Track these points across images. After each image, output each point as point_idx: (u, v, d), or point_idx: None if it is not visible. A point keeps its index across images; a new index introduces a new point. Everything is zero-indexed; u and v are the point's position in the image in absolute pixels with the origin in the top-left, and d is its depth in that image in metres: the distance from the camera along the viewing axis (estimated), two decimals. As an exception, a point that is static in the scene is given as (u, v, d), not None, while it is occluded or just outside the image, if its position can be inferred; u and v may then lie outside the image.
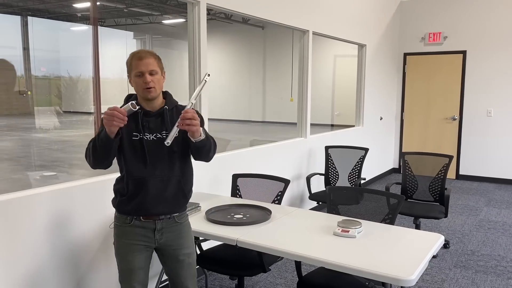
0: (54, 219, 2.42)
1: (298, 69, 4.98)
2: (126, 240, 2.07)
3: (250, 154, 4.09)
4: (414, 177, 4.31)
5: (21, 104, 18.21)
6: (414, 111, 7.67)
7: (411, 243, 2.21)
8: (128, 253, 2.07)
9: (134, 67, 1.98)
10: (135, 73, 1.98)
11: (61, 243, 2.47)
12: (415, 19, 7.46)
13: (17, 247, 2.26)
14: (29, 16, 16.83)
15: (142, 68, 1.97)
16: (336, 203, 2.84)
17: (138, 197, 2.03)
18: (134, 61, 1.99)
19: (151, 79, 1.98)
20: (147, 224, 2.07)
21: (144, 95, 2.01)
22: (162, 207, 2.06)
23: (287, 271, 3.66)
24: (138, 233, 2.06)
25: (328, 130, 6.00)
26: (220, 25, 15.67)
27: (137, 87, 2.01)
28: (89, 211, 2.61)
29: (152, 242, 2.09)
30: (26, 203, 2.29)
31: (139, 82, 1.98)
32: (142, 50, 2.02)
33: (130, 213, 2.06)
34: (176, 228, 2.12)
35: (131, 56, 2.02)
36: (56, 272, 2.46)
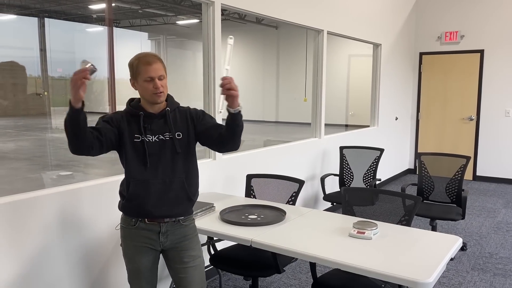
0: (66, 219, 2.44)
1: (313, 69, 4.95)
2: (132, 242, 2.07)
3: (264, 155, 4.07)
4: (430, 178, 4.25)
5: (38, 105, 18.49)
6: (430, 111, 7.58)
7: (428, 245, 2.18)
8: (135, 254, 2.07)
9: (143, 72, 1.97)
10: (144, 78, 1.97)
11: (73, 243, 2.49)
12: (431, 18, 7.36)
13: (30, 246, 2.29)
14: (46, 18, 17.08)
15: (152, 73, 1.96)
16: (351, 204, 2.81)
17: (140, 199, 2.02)
18: (142, 66, 1.97)
19: (160, 84, 1.98)
20: (152, 226, 2.05)
21: (153, 100, 2.01)
22: (165, 210, 2.04)
23: (301, 272, 3.64)
24: (143, 235, 2.06)
25: (342, 130, 5.95)
26: (234, 25, 15.69)
27: (145, 91, 2.00)
28: (100, 211, 2.63)
29: (158, 245, 2.08)
30: (38, 203, 2.31)
31: (148, 87, 1.98)
32: (149, 54, 2.01)
33: (134, 215, 2.05)
34: (181, 231, 2.10)
35: (136, 60, 2.00)
36: (69, 271, 2.48)
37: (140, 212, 2.03)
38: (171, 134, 2.04)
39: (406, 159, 7.77)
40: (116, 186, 2.67)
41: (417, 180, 4.31)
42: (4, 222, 2.16)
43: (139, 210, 2.03)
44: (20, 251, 2.23)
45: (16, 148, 11.12)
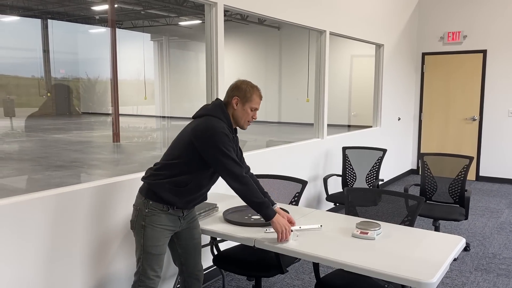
0: (84, 215, 2.46)
1: (315, 70, 4.95)
2: (161, 226, 2.26)
3: (266, 155, 4.08)
4: (433, 179, 4.25)
5: (41, 106, 18.56)
6: (433, 111, 7.57)
7: (431, 246, 2.18)
8: (161, 237, 2.27)
9: (255, 102, 2.32)
10: (252, 107, 2.31)
11: (91, 237, 2.50)
12: (434, 18, 7.36)
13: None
14: (49, 19, 17.14)
15: (258, 106, 2.34)
16: (354, 204, 2.82)
17: (190, 195, 2.28)
18: (256, 97, 2.32)
19: (256, 117, 2.37)
20: (177, 212, 2.31)
21: (243, 126, 2.36)
22: (193, 205, 2.39)
23: (304, 273, 3.64)
24: (171, 219, 2.29)
25: (345, 130, 5.96)
26: (236, 26, 15.71)
27: (244, 116, 2.32)
28: (115, 209, 2.64)
29: (178, 227, 2.35)
30: (43, 202, 2.33)
31: (250, 114, 2.32)
32: (259, 88, 2.36)
33: (169, 203, 2.24)
34: (192, 213, 2.44)
35: (252, 89, 2.32)
36: (82, 265, 2.49)
37: (178, 203, 2.26)
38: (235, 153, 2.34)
39: (408, 159, 7.76)
40: (120, 187, 2.68)
41: (420, 180, 4.31)
42: (12, 221, 2.17)
43: (180, 202, 2.26)
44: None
45: (20, 149, 11.17)
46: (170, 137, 14.48)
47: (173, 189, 2.23)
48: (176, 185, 2.24)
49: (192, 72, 18.25)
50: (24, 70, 17.82)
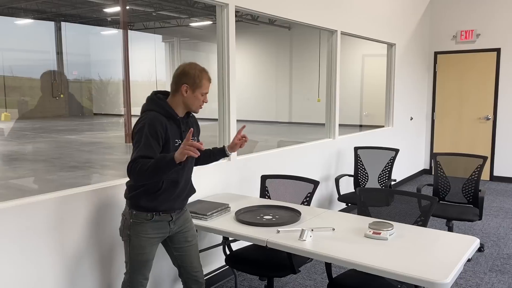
0: (90, 218, 2.49)
1: (326, 70, 4.94)
2: (146, 235, 2.22)
3: (278, 155, 4.08)
4: (446, 179, 4.21)
5: (55, 107, 18.79)
6: (446, 111, 7.50)
7: (445, 246, 2.16)
8: (147, 246, 2.24)
9: (205, 87, 2.24)
10: (203, 92, 2.24)
11: (97, 240, 2.53)
12: (446, 16, 7.29)
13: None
14: (62, 22, 17.34)
15: (208, 90, 2.28)
16: (367, 204, 2.81)
17: (169, 195, 2.22)
18: (205, 81, 2.25)
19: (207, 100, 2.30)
20: (165, 217, 2.26)
21: (195, 110, 2.28)
22: (181, 203, 2.33)
23: (316, 273, 3.64)
24: (157, 227, 2.24)
25: (356, 130, 5.93)
26: (247, 26, 15.73)
27: (195, 102, 2.24)
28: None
29: (167, 232, 2.30)
30: (65, 202, 2.36)
31: (200, 99, 2.25)
32: (207, 71, 2.29)
33: (152, 209, 2.21)
34: (183, 215, 2.38)
35: (202, 74, 2.24)
36: (91, 267, 2.52)
37: (162, 206, 2.22)
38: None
39: (421, 159, 7.70)
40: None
41: (433, 180, 4.27)
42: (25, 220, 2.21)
43: (162, 205, 2.21)
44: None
45: (34, 150, 11.33)
46: (181, 137, 14.51)
47: (151, 196, 2.19)
48: (152, 192, 2.18)
49: (203, 73, 18.28)
50: (38, 72, 18.05)
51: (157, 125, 2.10)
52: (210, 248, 3.17)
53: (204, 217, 2.62)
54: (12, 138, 13.54)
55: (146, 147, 2.04)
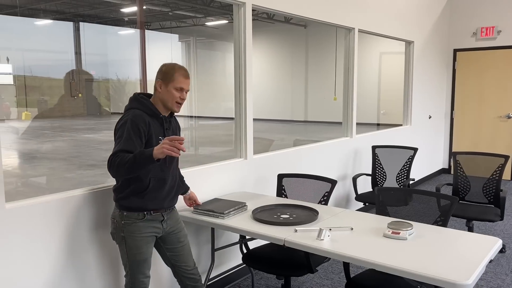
0: (105, 216, 2.52)
1: (343, 68, 4.90)
2: (140, 234, 2.23)
3: (294, 154, 4.07)
4: (466, 178, 4.14)
5: (73, 106, 19.08)
6: (465, 109, 7.37)
7: (466, 247, 2.12)
8: (143, 245, 2.25)
9: (179, 81, 2.21)
10: (176, 87, 2.20)
11: (106, 240, 2.56)
12: (466, 13, 7.16)
13: (72, 241, 2.37)
14: (81, 22, 17.58)
15: (184, 86, 2.23)
16: (385, 204, 2.78)
17: (157, 193, 2.24)
18: (179, 76, 2.21)
19: (185, 97, 2.25)
20: (156, 216, 2.28)
21: (172, 107, 2.25)
22: (170, 201, 2.34)
23: (334, 272, 3.61)
24: (150, 225, 2.26)
25: (374, 129, 5.87)
26: (263, 25, 15.71)
27: (170, 97, 2.22)
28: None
29: (160, 232, 2.32)
30: (78, 201, 2.39)
31: (175, 95, 2.21)
32: (185, 69, 2.27)
33: (142, 209, 2.22)
34: (173, 215, 2.40)
35: (174, 69, 2.22)
36: (100, 268, 2.55)
37: (151, 205, 2.23)
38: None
39: (440, 158, 7.58)
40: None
41: (452, 180, 4.20)
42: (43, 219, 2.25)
43: (152, 204, 2.23)
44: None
45: (53, 148, 11.51)
46: (197, 136, 14.62)
47: (138, 195, 2.19)
48: (139, 191, 2.19)
49: (219, 72, 18.37)
50: (56, 72, 18.35)
51: (140, 121, 2.13)
52: (227, 246, 3.18)
53: (221, 216, 2.62)
54: (32, 136, 13.79)
55: (127, 142, 2.06)
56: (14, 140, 12.42)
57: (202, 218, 2.64)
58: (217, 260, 3.24)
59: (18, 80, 16.15)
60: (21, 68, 16.24)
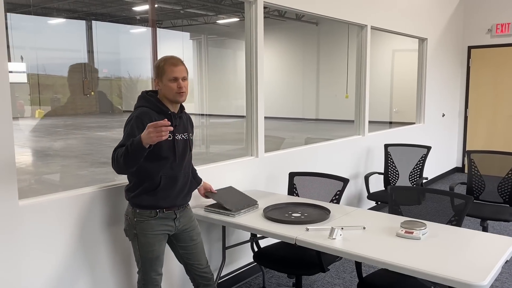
0: (118, 214, 2.52)
1: (356, 65, 4.86)
2: (152, 232, 2.23)
3: (306, 152, 4.04)
4: (480, 177, 4.07)
5: (85, 104, 19.24)
6: (480, 107, 7.26)
7: (481, 247, 2.09)
8: (155, 242, 2.25)
9: (169, 72, 2.17)
10: (169, 78, 2.16)
11: (117, 237, 2.57)
12: (481, 9, 7.05)
13: (85, 238, 2.38)
14: (93, 21, 17.70)
15: (177, 74, 2.17)
16: (398, 203, 2.74)
17: (169, 191, 2.23)
18: (168, 67, 2.17)
19: (183, 84, 2.19)
20: (169, 214, 2.27)
21: (175, 99, 2.21)
22: (183, 199, 2.32)
23: (345, 272, 3.59)
24: (162, 223, 2.25)
25: (386, 127, 5.81)
26: (274, 23, 15.67)
27: (169, 91, 2.19)
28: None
29: (173, 230, 2.31)
30: (88, 198, 2.40)
31: (172, 86, 2.17)
32: (174, 57, 2.22)
33: (154, 207, 2.22)
34: (187, 213, 2.38)
35: (163, 61, 2.20)
36: (113, 265, 2.56)
37: (163, 203, 2.23)
38: (187, 134, 2.31)
39: (453, 157, 7.49)
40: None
41: (466, 179, 4.14)
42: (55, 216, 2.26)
43: (164, 202, 2.23)
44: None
45: (65, 146, 11.62)
46: (209, 134, 14.65)
47: (151, 194, 2.19)
48: (151, 190, 2.19)
49: (230, 70, 18.36)
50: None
51: (145, 117, 2.13)
52: (238, 244, 3.17)
53: (232, 214, 2.61)
54: (45, 134, 13.94)
55: (127, 137, 2.07)
56: (28, 138, 12.57)
57: (213, 216, 2.63)
58: (228, 258, 3.24)
59: (32, 78, 16.33)
60: (35, 67, 16.42)
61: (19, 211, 2.09)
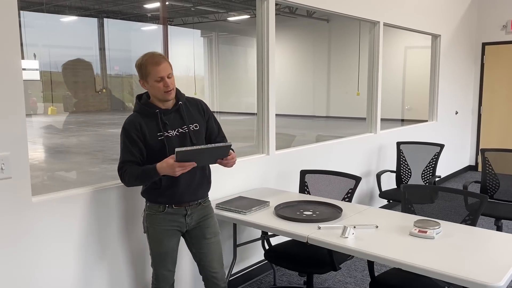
0: (131, 210, 2.53)
1: (368, 62, 4.81)
2: (160, 226, 2.21)
3: (317, 150, 4.02)
4: (495, 176, 4.01)
5: (97, 101, 19.38)
6: (494, 104, 7.15)
7: (497, 247, 2.05)
8: (164, 237, 2.22)
9: (153, 73, 2.08)
10: (155, 79, 2.09)
11: (130, 233, 2.58)
12: (495, 5, 6.93)
13: (99, 234, 2.39)
14: (105, 18, 17.81)
15: (162, 73, 2.08)
16: (411, 201, 2.71)
17: (171, 189, 2.18)
18: (150, 67, 2.08)
19: (170, 82, 2.11)
20: (178, 210, 2.22)
21: (164, 98, 2.14)
22: (191, 196, 2.24)
23: (357, 270, 3.56)
24: (171, 219, 2.22)
25: (398, 125, 5.76)
26: (285, 20, 15.61)
27: (156, 91, 2.12)
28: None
29: (184, 226, 2.26)
30: (101, 195, 2.41)
31: (159, 86, 2.10)
32: (155, 54, 2.12)
33: (163, 203, 2.20)
34: (202, 211, 2.30)
35: (144, 60, 2.11)
36: (130, 264, 2.57)
37: (170, 200, 2.20)
38: (185, 127, 2.20)
39: (466, 155, 7.40)
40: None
41: (480, 177, 4.08)
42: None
43: (170, 199, 2.20)
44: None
45: (78, 143, 11.73)
46: (219, 131, 14.63)
47: (156, 192, 2.19)
48: (155, 188, 2.18)
49: (240, 67, 18.36)
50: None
51: (131, 128, 2.14)
52: (249, 242, 3.17)
53: (243, 212, 2.60)
54: (57, 131, 14.07)
55: (126, 153, 2.13)
56: (40, 134, 12.70)
57: (224, 214, 2.63)
58: (239, 256, 3.23)
59: (45, 75, 16.49)
60: (47, 64, 16.58)
61: (32, 208, 2.11)
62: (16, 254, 2.07)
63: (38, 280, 2.16)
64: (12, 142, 2.01)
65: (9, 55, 1.97)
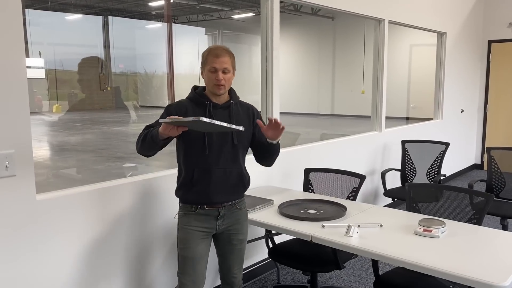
0: (134, 209, 2.53)
1: (373, 60, 4.79)
2: (190, 227, 2.14)
3: (321, 148, 4.01)
4: (501, 174, 3.99)
5: (102, 99, 19.43)
6: (500, 103, 7.10)
7: (502, 246, 2.04)
8: (191, 240, 2.13)
9: (210, 62, 2.08)
10: (209, 68, 2.08)
11: (141, 231, 2.58)
12: (502, 3, 6.88)
13: (103, 232, 2.40)
14: (109, 16, 17.83)
15: (217, 65, 2.07)
16: (416, 200, 2.70)
17: (202, 186, 2.11)
18: (210, 57, 2.09)
19: (223, 77, 2.08)
20: (210, 211, 2.15)
21: (213, 90, 2.12)
22: (223, 197, 2.16)
23: (361, 269, 3.55)
24: (202, 220, 2.14)
25: (403, 123, 5.73)
26: (289, 17, 15.58)
27: (208, 81, 2.12)
28: (167, 202, 2.70)
29: (214, 228, 2.17)
30: (109, 193, 2.41)
31: (211, 77, 2.08)
32: (220, 47, 2.12)
33: (194, 202, 2.14)
34: (235, 214, 2.22)
35: (208, 50, 2.13)
36: (128, 262, 2.57)
37: (200, 199, 2.13)
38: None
39: (472, 154, 7.36)
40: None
41: (486, 176, 4.06)
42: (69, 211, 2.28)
43: (200, 197, 2.13)
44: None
45: (82, 140, 11.76)
46: (223, 129, 14.63)
47: (188, 187, 2.13)
48: (186, 183, 2.12)
49: (244, 65, 18.33)
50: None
51: (175, 105, 2.14)
52: (253, 240, 3.16)
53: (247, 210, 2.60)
54: (62, 129, 14.12)
55: (154, 122, 2.10)
56: (45, 132, 12.75)
57: (228, 212, 2.62)
58: (243, 254, 3.23)
59: (50, 74, 16.55)
60: (52, 62, 16.63)
61: (36, 205, 2.11)
62: (21, 251, 2.08)
63: (42, 277, 2.17)
64: (17, 140, 2.01)
65: (13, 53, 1.97)
